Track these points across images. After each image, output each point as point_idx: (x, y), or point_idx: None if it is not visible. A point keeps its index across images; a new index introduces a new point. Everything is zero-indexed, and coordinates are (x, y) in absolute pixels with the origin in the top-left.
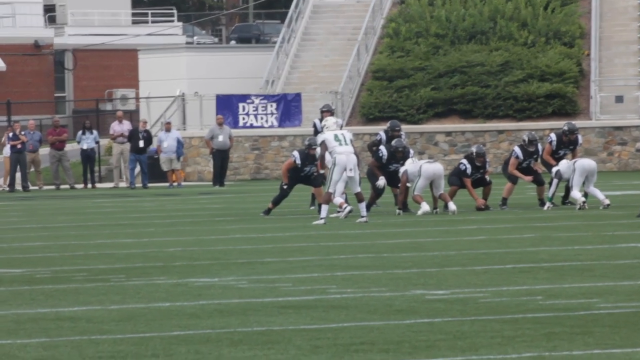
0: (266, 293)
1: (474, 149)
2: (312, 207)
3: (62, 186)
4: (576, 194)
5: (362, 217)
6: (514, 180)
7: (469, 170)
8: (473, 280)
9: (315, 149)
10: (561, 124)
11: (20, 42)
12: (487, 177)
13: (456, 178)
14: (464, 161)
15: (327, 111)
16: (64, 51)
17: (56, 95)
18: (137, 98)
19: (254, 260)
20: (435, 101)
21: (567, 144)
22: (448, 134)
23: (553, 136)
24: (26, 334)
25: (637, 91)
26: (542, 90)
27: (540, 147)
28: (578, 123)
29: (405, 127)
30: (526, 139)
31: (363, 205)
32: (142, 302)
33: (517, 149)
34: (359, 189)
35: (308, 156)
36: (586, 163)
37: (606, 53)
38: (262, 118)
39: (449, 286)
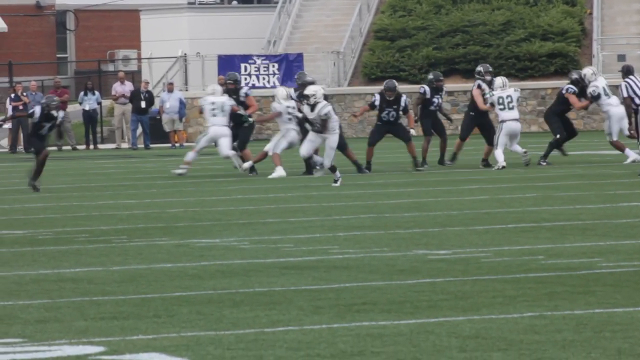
0: (268, 254)
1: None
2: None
3: (64, 147)
4: (499, 154)
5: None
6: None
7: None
8: (475, 240)
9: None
10: (563, 83)
11: (21, 2)
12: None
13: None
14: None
15: (310, 83)
16: (65, 12)
17: (58, 56)
18: (139, 59)
19: (256, 220)
20: (437, 61)
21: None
22: (450, 93)
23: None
24: (28, 295)
25: (639, 50)
26: (544, 50)
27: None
28: None
29: (407, 87)
30: (482, 69)
31: (335, 172)
32: (144, 263)
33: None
34: (329, 164)
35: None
36: (512, 124)
37: (608, 11)
38: (264, 78)
39: (450, 246)
